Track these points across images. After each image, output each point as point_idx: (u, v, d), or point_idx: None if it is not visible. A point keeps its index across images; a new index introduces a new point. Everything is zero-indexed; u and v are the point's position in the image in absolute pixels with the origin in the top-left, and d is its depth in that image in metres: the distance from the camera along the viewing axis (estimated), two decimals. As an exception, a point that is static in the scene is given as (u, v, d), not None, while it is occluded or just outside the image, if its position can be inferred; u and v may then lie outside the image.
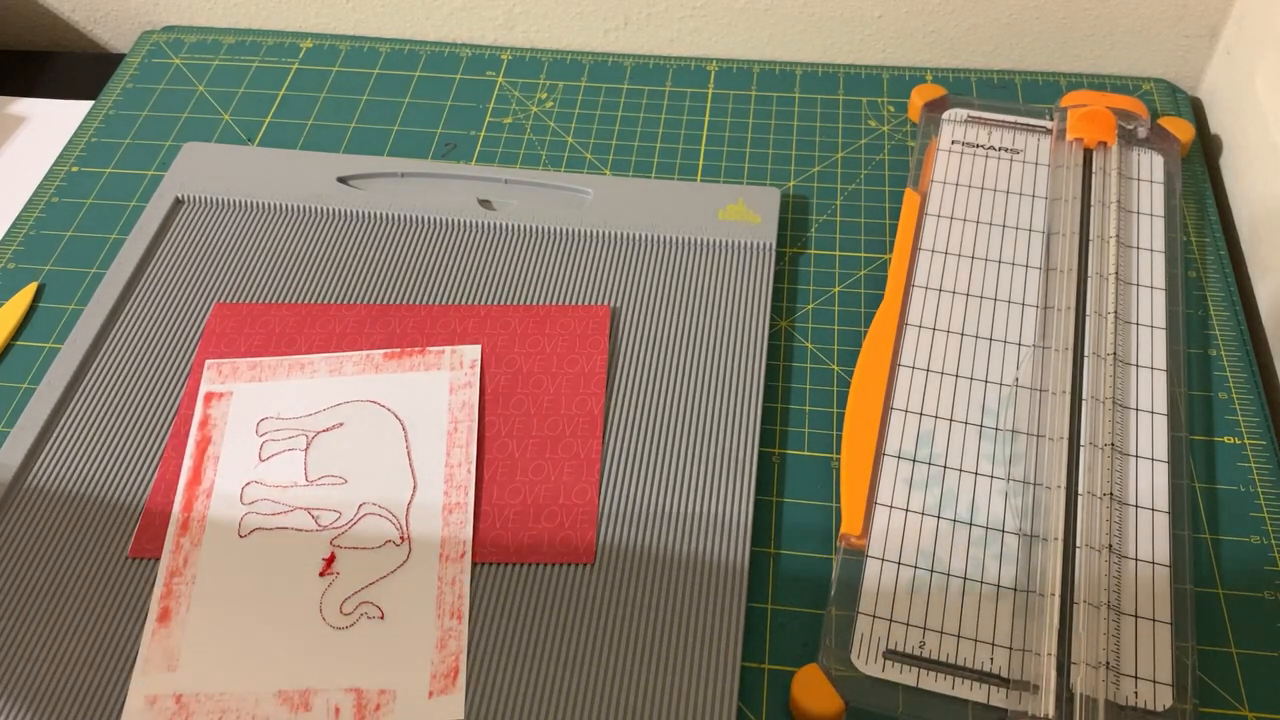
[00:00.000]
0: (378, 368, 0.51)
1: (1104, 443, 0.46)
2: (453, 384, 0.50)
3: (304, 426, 0.49)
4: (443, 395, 0.50)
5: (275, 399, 0.50)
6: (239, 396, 0.50)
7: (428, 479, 0.47)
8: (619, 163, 0.62)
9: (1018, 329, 0.51)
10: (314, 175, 0.59)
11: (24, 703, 0.41)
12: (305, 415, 0.50)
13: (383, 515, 0.46)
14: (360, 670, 0.42)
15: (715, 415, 0.49)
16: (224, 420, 0.50)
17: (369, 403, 0.50)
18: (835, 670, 0.41)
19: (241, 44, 0.71)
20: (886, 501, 0.46)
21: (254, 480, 0.48)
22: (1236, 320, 0.54)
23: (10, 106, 0.69)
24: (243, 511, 0.47)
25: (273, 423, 0.49)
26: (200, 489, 0.48)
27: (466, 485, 0.47)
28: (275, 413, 0.50)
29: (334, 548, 0.45)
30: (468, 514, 0.46)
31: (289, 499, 0.47)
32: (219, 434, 0.49)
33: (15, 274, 0.57)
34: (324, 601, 0.44)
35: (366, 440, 0.49)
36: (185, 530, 0.46)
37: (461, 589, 0.44)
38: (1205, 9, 0.64)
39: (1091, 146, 0.58)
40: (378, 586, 0.44)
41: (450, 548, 0.45)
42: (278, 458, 0.48)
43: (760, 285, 0.54)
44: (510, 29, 0.71)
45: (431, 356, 0.51)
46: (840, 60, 0.70)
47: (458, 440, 0.48)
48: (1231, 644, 0.43)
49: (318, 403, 0.50)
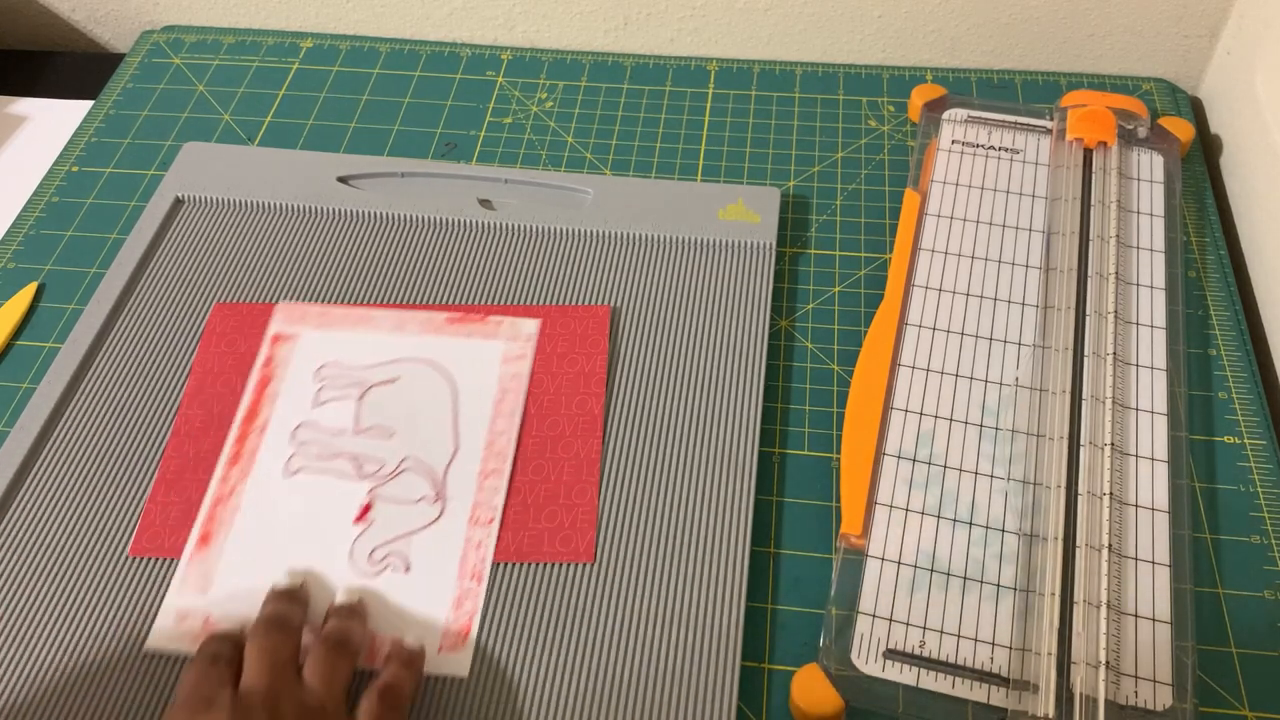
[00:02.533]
0: (438, 330, 0.52)
1: (1104, 442, 0.46)
2: (506, 355, 0.51)
3: (361, 377, 0.51)
4: (495, 364, 0.51)
5: (338, 346, 0.52)
6: (304, 340, 0.52)
7: (469, 443, 0.48)
8: (619, 163, 0.62)
9: (1018, 329, 0.51)
10: (314, 175, 0.59)
11: (24, 701, 0.41)
12: (364, 366, 0.51)
13: (422, 472, 0.47)
14: (378, 618, 0.43)
15: (715, 415, 0.49)
16: (287, 362, 0.52)
17: (424, 362, 0.51)
18: (835, 670, 0.41)
19: (241, 44, 0.71)
20: (886, 501, 0.46)
21: (306, 422, 0.49)
22: (1236, 320, 0.54)
23: (10, 106, 0.69)
24: (291, 451, 0.48)
25: (332, 369, 0.51)
26: (255, 424, 0.49)
27: (506, 454, 0.48)
28: (336, 360, 0.52)
29: (371, 496, 0.47)
30: (503, 481, 0.47)
31: (336, 445, 0.49)
32: (280, 374, 0.51)
33: (15, 274, 0.57)
34: (355, 548, 0.45)
35: (417, 398, 0.50)
36: (236, 462, 0.48)
37: (486, 553, 0.45)
38: (1205, 9, 0.64)
39: (1091, 146, 0.58)
40: (407, 540, 0.46)
41: (481, 512, 0.46)
42: (332, 404, 0.50)
43: (760, 285, 0.54)
44: (510, 29, 0.71)
45: (490, 325, 0.52)
46: (840, 60, 0.70)
47: (504, 409, 0.49)
48: (1231, 644, 0.43)
49: (377, 356, 0.52)
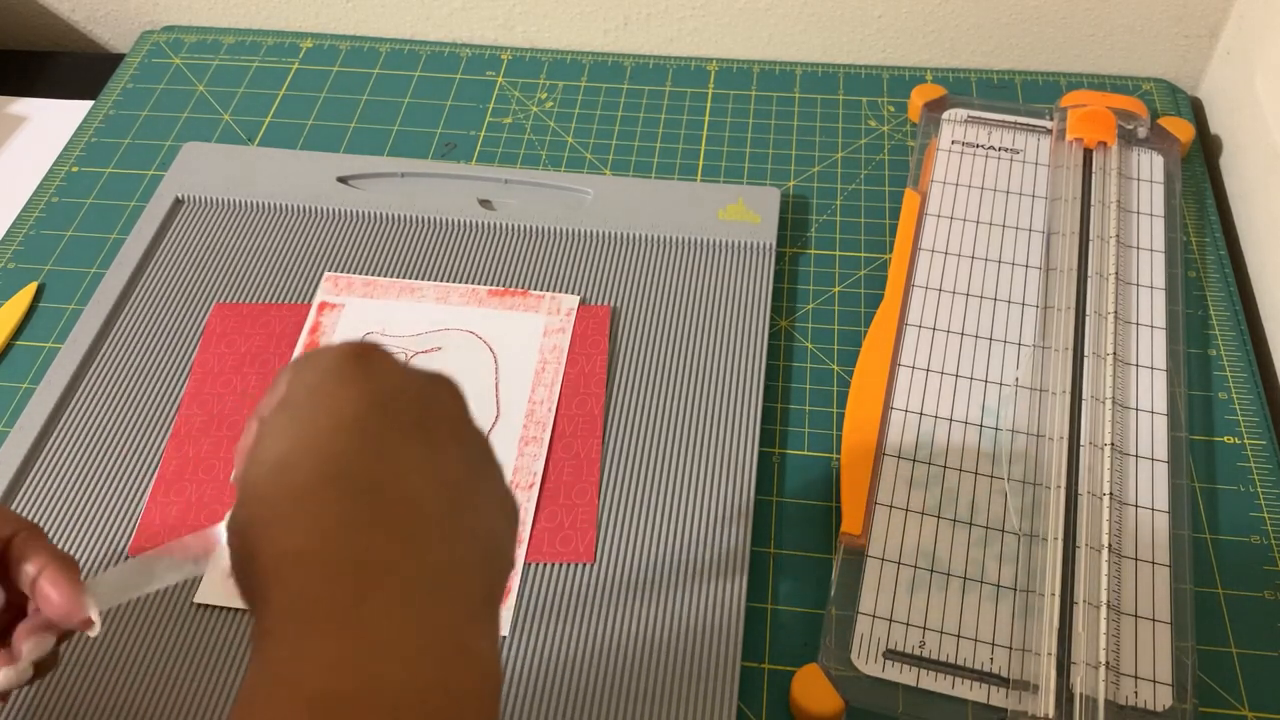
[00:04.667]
0: (481, 302, 0.53)
1: (1104, 443, 0.46)
2: (547, 327, 0.52)
3: (405, 346, 0.52)
4: (536, 336, 0.52)
5: (383, 316, 0.53)
6: (350, 309, 0.53)
7: (510, 410, 0.49)
8: (619, 163, 0.62)
9: (1018, 329, 0.51)
10: (314, 175, 0.59)
11: (25, 700, 0.41)
12: (408, 335, 0.52)
13: None
14: None
15: (715, 415, 0.49)
16: (333, 330, 0.52)
17: (468, 333, 0.52)
18: (835, 670, 0.41)
19: (241, 44, 0.71)
20: (886, 501, 0.46)
21: None
22: (1236, 320, 0.54)
23: (10, 106, 0.69)
24: None
25: (377, 337, 0.52)
26: None
27: (545, 422, 0.49)
28: (381, 329, 0.52)
29: None
30: (542, 448, 0.48)
31: None
32: (326, 340, 0.52)
33: (15, 274, 0.57)
34: None
35: (460, 367, 0.50)
36: None
37: (525, 517, 0.46)
38: (1205, 9, 0.64)
39: (1091, 146, 0.58)
40: None
41: (521, 476, 0.47)
42: None
43: (760, 285, 0.54)
44: (510, 29, 0.71)
45: (532, 300, 0.53)
46: (840, 60, 0.70)
47: (544, 379, 0.50)
48: (1231, 644, 0.43)
49: (421, 326, 0.52)
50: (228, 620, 0.43)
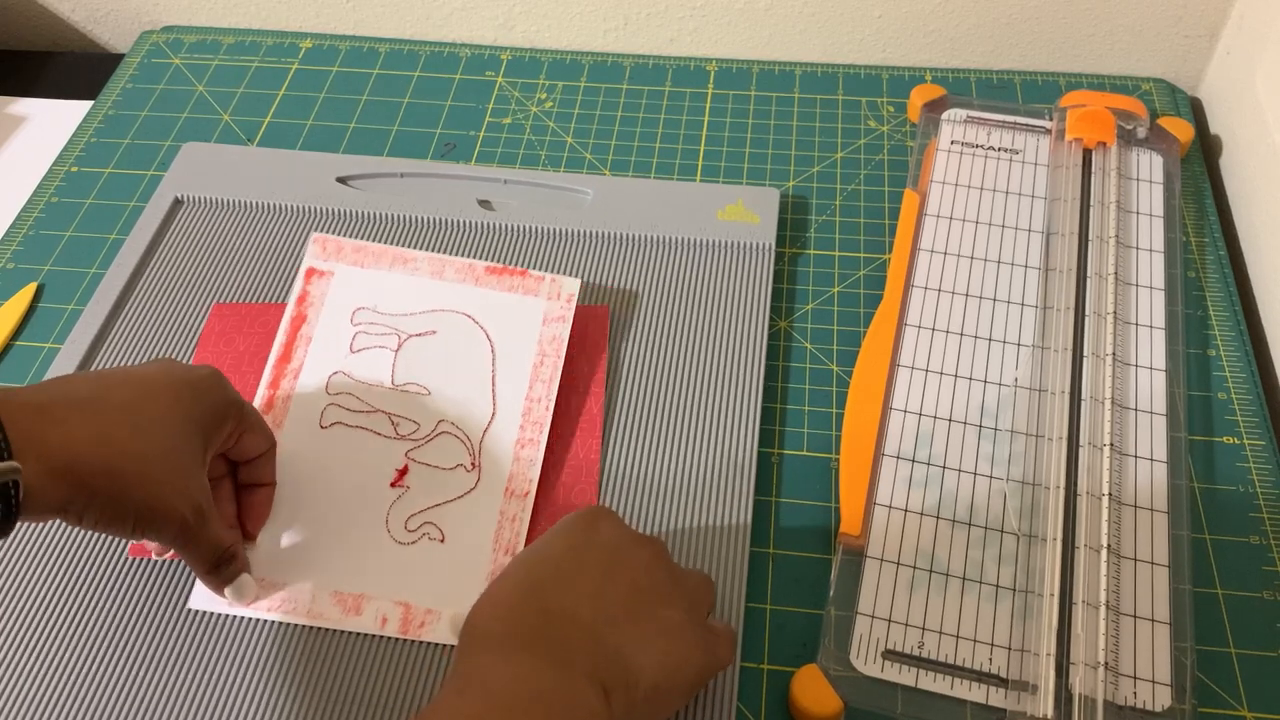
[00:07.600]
0: (478, 279, 0.51)
1: (1103, 443, 0.46)
2: (547, 315, 0.50)
3: (398, 326, 0.50)
4: (535, 324, 0.50)
5: (375, 289, 0.51)
6: (340, 278, 0.51)
7: (506, 409, 0.48)
8: (619, 163, 0.62)
9: (1017, 329, 0.51)
10: (313, 175, 0.59)
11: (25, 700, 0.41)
12: (402, 314, 0.50)
13: (458, 436, 0.47)
14: (413, 587, 0.43)
15: (715, 415, 0.49)
16: (322, 300, 0.51)
17: (464, 316, 0.50)
18: (834, 670, 0.41)
19: (241, 44, 0.71)
20: (886, 501, 0.46)
21: (342, 370, 0.49)
22: (1236, 320, 0.54)
23: (10, 106, 0.69)
24: (326, 402, 0.48)
25: (369, 314, 0.50)
26: (289, 368, 0.48)
27: (542, 423, 0.48)
28: (373, 304, 0.51)
29: (408, 460, 0.47)
30: (538, 452, 0.47)
31: (373, 399, 0.48)
32: (315, 314, 0.50)
33: (15, 274, 0.57)
34: (391, 514, 0.45)
35: (456, 355, 0.49)
36: (269, 408, 0.48)
37: (520, 527, 0.45)
38: (1205, 9, 0.64)
39: (1091, 147, 0.57)
40: (443, 509, 0.46)
41: (516, 483, 0.46)
42: (368, 352, 0.49)
43: (760, 285, 0.54)
44: (510, 29, 0.71)
45: (531, 281, 0.51)
46: (840, 60, 0.70)
47: (541, 375, 0.49)
48: (1231, 644, 0.43)
49: (415, 303, 0.51)
50: (222, 626, 0.43)
